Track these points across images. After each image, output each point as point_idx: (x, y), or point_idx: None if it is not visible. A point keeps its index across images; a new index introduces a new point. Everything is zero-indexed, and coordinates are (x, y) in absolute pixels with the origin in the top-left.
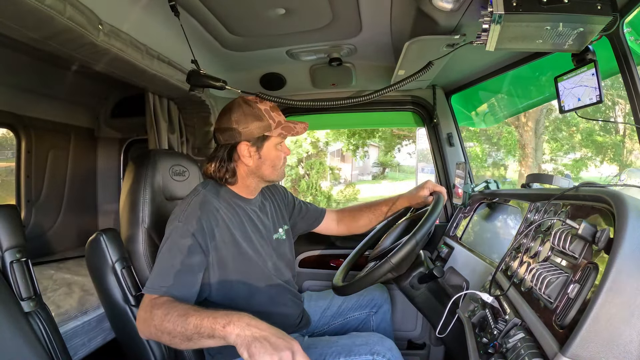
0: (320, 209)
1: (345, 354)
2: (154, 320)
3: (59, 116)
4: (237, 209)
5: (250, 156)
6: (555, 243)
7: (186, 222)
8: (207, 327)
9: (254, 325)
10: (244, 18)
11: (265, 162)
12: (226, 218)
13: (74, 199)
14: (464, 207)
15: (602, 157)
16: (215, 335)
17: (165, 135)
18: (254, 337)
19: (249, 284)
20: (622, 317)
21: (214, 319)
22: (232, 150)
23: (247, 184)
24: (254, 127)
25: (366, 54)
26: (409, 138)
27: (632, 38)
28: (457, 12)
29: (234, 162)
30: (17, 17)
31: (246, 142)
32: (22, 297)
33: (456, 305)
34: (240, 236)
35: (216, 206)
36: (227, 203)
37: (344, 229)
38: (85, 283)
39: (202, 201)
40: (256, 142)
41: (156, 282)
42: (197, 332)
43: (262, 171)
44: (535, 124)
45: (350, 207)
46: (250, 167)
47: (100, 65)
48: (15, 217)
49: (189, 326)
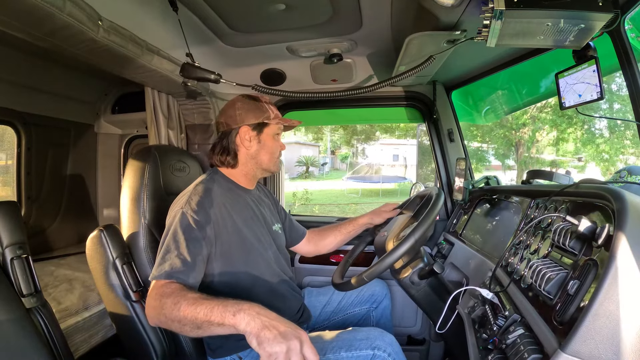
0: (302, 229)
1: (346, 349)
2: (163, 309)
3: (59, 112)
4: (237, 198)
5: (250, 140)
6: (555, 239)
7: (190, 209)
8: (217, 315)
9: (264, 315)
10: (243, 13)
11: (264, 147)
12: (228, 205)
13: (74, 196)
14: (464, 203)
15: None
16: (225, 323)
17: (165, 131)
18: (263, 325)
19: (250, 273)
20: (621, 313)
21: (224, 307)
22: (234, 134)
23: (246, 171)
24: (255, 113)
25: (367, 49)
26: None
27: (634, 35)
28: (458, 7)
29: (236, 146)
30: (17, 14)
31: (248, 125)
32: (23, 293)
33: (456, 301)
34: (241, 223)
35: (218, 194)
36: (229, 191)
37: (312, 248)
38: (86, 279)
39: (204, 189)
40: (256, 127)
41: (163, 268)
42: (207, 320)
43: (261, 157)
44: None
45: (319, 228)
46: (250, 151)
47: (100, 61)
48: (16, 214)
49: (199, 315)
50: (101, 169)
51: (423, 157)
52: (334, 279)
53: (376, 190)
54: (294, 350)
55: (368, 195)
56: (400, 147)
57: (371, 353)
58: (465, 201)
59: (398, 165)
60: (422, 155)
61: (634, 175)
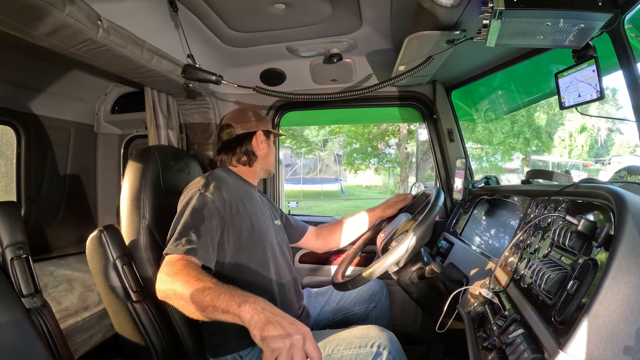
0: (303, 225)
1: (346, 346)
2: (173, 285)
3: (58, 112)
4: (247, 189)
5: (263, 143)
6: (554, 239)
7: (208, 191)
8: (224, 302)
9: (269, 310)
10: (243, 13)
11: (271, 152)
12: (240, 194)
13: (74, 196)
14: (464, 202)
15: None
16: (229, 311)
17: (165, 130)
18: (268, 320)
19: (258, 259)
20: (621, 313)
21: (232, 296)
22: (251, 137)
23: (254, 170)
24: (264, 122)
25: (366, 49)
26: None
27: (633, 35)
28: (457, 7)
29: (253, 148)
30: (16, 14)
31: (262, 131)
32: (23, 293)
33: (456, 301)
34: (250, 210)
35: (231, 182)
36: (239, 183)
37: (322, 244)
38: (86, 279)
39: (220, 175)
40: (266, 134)
41: (179, 242)
42: (212, 305)
43: (268, 159)
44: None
45: (328, 224)
46: (260, 154)
47: (100, 61)
48: (16, 214)
49: (206, 298)
50: (101, 169)
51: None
52: (334, 278)
53: (317, 192)
54: (297, 346)
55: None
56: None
57: (372, 350)
58: (465, 201)
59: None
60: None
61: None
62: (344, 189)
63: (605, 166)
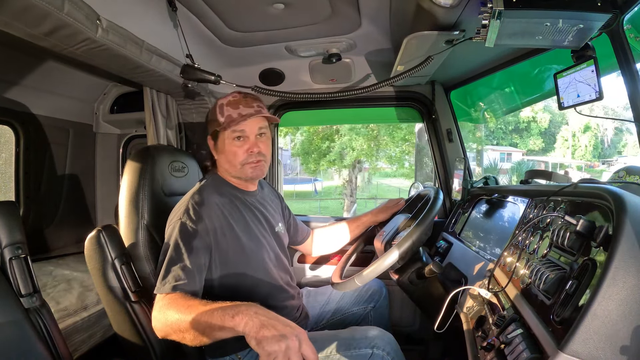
0: (307, 229)
1: (345, 347)
2: (167, 321)
3: (57, 112)
4: (236, 202)
5: (213, 149)
6: (553, 239)
7: (189, 219)
8: (217, 320)
9: (262, 314)
10: (242, 13)
11: (221, 156)
12: (226, 212)
13: (73, 196)
14: (463, 202)
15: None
16: (225, 326)
17: (164, 130)
18: (262, 324)
19: (250, 276)
20: (620, 313)
21: (223, 311)
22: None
23: (230, 177)
24: (211, 123)
25: (365, 49)
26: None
27: (632, 35)
28: (456, 8)
29: (213, 152)
30: (15, 14)
31: (210, 136)
32: (21, 293)
33: (454, 301)
34: (239, 229)
35: (216, 201)
36: (227, 197)
37: (317, 249)
38: (85, 279)
39: (201, 198)
40: (213, 137)
41: (166, 280)
42: (208, 327)
43: (223, 164)
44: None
45: (322, 228)
46: (218, 159)
47: (99, 61)
48: (15, 214)
49: (201, 321)
50: (99, 169)
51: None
52: (333, 278)
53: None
54: (292, 348)
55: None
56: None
57: (370, 352)
58: (464, 201)
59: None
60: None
61: (632, 175)
62: (322, 190)
63: (611, 167)
